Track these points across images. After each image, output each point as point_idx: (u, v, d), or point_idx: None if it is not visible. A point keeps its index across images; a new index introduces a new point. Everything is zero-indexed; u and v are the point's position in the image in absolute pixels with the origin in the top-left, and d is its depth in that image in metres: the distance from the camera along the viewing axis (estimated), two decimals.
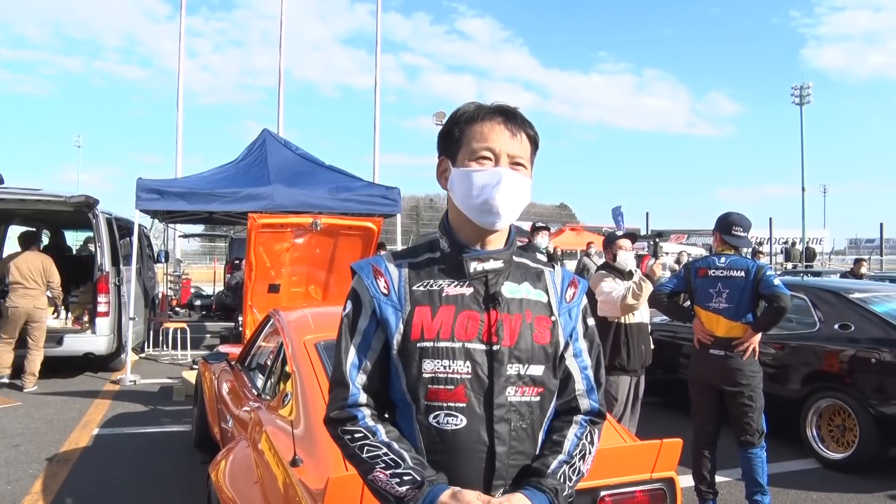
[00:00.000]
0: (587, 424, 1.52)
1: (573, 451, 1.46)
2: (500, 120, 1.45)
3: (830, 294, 5.73)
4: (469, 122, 1.46)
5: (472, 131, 1.45)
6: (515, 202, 1.43)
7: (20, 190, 8.58)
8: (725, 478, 4.75)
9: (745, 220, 4.25)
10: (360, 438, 1.40)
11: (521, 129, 1.46)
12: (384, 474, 1.36)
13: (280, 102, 22.79)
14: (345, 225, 7.67)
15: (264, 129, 10.51)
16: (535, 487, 1.38)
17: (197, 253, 37.59)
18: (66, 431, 6.03)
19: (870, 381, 5.05)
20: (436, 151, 1.54)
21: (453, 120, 1.49)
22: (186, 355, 9.94)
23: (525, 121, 1.48)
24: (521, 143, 1.46)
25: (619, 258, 4.90)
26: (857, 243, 42.51)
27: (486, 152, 1.43)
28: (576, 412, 1.52)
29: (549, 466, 1.42)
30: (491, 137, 1.43)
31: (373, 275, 1.47)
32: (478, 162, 1.43)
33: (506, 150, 1.43)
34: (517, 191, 1.43)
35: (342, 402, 1.43)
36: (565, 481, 1.42)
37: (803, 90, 38.27)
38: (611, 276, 4.86)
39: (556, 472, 1.41)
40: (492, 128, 1.44)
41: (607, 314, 4.75)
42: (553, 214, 61.91)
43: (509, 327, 1.42)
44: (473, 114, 1.46)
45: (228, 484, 3.04)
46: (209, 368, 5.13)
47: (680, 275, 4.46)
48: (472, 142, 1.44)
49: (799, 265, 22.95)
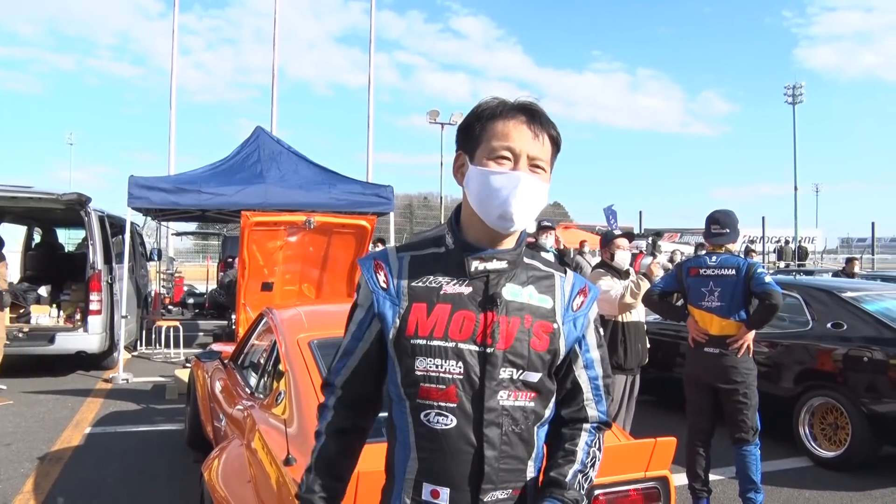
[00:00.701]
0: (595, 432, 1.50)
1: (585, 461, 1.45)
2: (523, 119, 1.39)
3: (823, 293, 5.75)
4: (490, 119, 1.40)
5: (494, 128, 1.39)
6: (531, 208, 1.40)
7: (12, 187, 8.52)
8: (719, 476, 4.77)
9: (724, 215, 4.28)
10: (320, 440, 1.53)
11: (544, 130, 1.41)
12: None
13: (274, 100, 22.75)
14: (338, 223, 7.66)
15: (257, 127, 10.48)
16: (558, 500, 1.39)
17: (190, 251, 37.52)
18: (58, 430, 6.00)
19: (862, 380, 5.07)
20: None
21: (474, 115, 1.43)
22: (179, 353, 9.91)
23: (549, 121, 1.42)
24: (543, 144, 1.40)
25: (617, 257, 4.92)
26: (849, 242, 42.70)
27: (505, 152, 1.38)
28: (584, 421, 1.50)
29: (566, 477, 1.42)
30: (512, 136, 1.38)
31: (374, 269, 1.47)
32: (496, 161, 1.38)
33: (526, 151, 1.38)
34: (534, 196, 1.39)
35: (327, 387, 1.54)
36: (580, 490, 1.42)
37: (796, 90, 38.47)
38: (608, 274, 4.87)
39: (573, 483, 1.42)
40: (514, 126, 1.39)
41: (605, 313, 4.75)
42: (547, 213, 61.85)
43: (505, 330, 1.38)
44: (495, 110, 1.41)
45: (221, 483, 3.03)
46: (202, 367, 5.11)
47: (672, 274, 4.48)
48: (492, 139, 1.39)
49: (791, 264, 23.07)
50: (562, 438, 1.48)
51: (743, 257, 4.27)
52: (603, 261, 5.09)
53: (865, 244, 33.61)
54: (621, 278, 4.83)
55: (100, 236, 8.58)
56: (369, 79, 22.65)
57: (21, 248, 12.38)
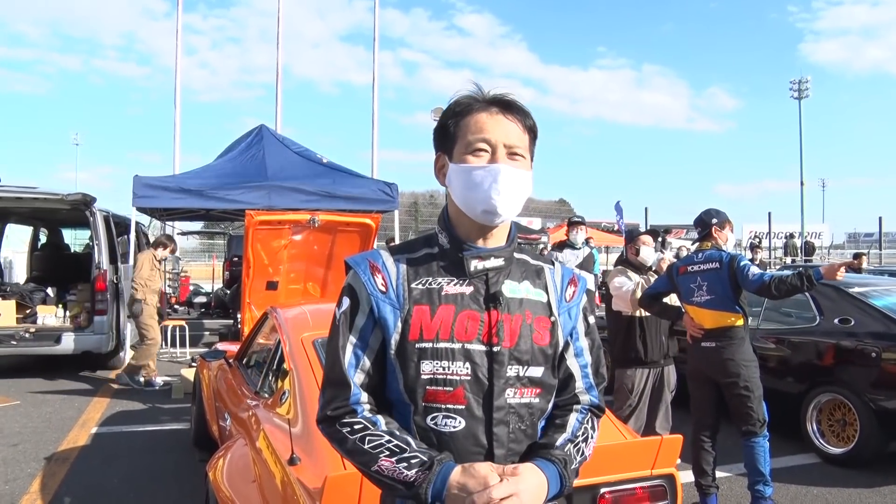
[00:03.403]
0: (587, 412, 1.50)
1: (576, 432, 1.45)
2: (495, 110, 1.40)
3: (830, 288, 5.71)
4: (463, 115, 1.41)
5: (467, 123, 1.40)
6: (515, 198, 1.39)
7: (17, 188, 8.56)
8: (726, 473, 4.74)
9: (717, 214, 4.35)
10: (361, 430, 1.35)
11: (518, 119, 1.41)
12: (390, 462, 1.30)
13: (278, 99, 22.76)
14: (343, 221, 7.65)
15: (261, 125, 10.48)
16: (544, 458, 1.36)
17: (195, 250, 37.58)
18: (65, 430, 6.02)
19: (870, 376, 5.03)
20: (434, 147, 1.50)
21: (447, 114, 1.44)
22: (185, 353, 9.94)
23: (522, 109, 1.43)
24: (518, 132, 1.41)
25: (642, 253, 4.90)
26: (855, 237, 42.48)
27: (482, 144, 1.38)
28: (576, 404, 1.50)
29: (555, 442, 1.41)
30: (486, 128, 1.39)
31: (370, 271, 1.42)
32: (474, 155, 1.39)
33: (502, 141, 1.38)
34: (516, 186, 1.39)
35: (343, 401, 1.38)
36: (572, 457, 1.40)
37: (802, 85, 38.29)
38: (627, 270, 4.87)
39: (563, 447, 1.40)
40: (487, 118, 1.39)
41: (621, 309, 4.76)
42: (552, 210, 61.86)
43: (510, 328, 1.38)
44: (467, 106, 1.42)
45: (226, 482, 3.02)
46: (207, 366, 5.11)
47: (664, 276, 4.51)
48: (467, 134, 1.40)
49: (797, 259, 22.97)
50: (553, 418, 1.48)
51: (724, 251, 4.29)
52: (625, 257, 5.08)
53: (873, 239, 33.44)
54: (643, 275, 4.82)
55: (105, 236, 8.60)
56: (374, 77, 22.65)
57: (27, 248, 12.44)
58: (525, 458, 1.38)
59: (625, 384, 4.64)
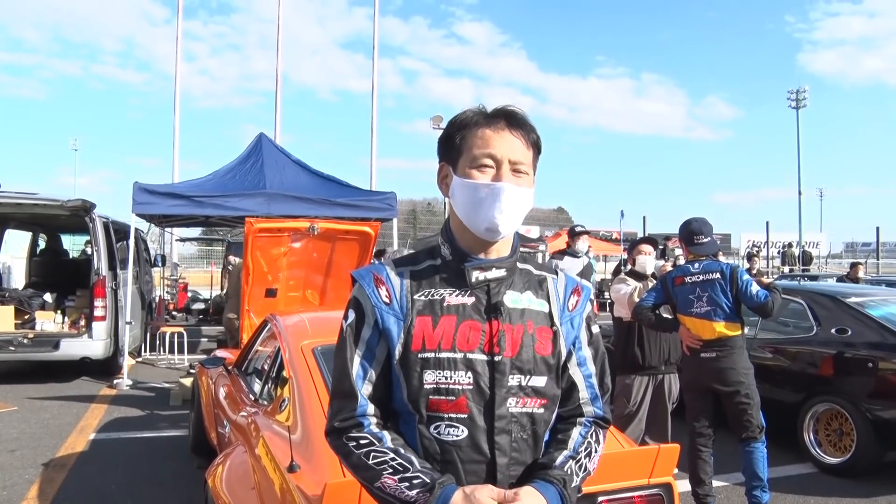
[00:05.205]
0: (591, 425, 1.50)
1: (578, 448, 1.45)
2: (502, 125, 1.41)
3: (827, 298, 5.74)
4: (470, 127, 1.42)
5: (474, 137, 1.41)
6: (516, 215, 1.41)
7: (16, 194, 8.56)
8: (723, 483, 4.75)
9: (704, 225, 4.34)
10: (366, 445, 1.37)
11: (524, 134, 1.42)
12: (392, 480, 1.32)
13: (278, 106, 22.75)
14: (342, 229, 7.65)
15: (260, 134, 10.50)
16: (543, 479, 1.36)
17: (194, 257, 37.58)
18: (63, 436, 6.01)
19: (867, 386, 5.05)
20: (433, 155, 1.51)
21: (454, 125, 1.45)
22: (183, 359, 9.92)
23: (528, 125, 1.44)
24: (524, 148, 1.42)
25: (638, 262, 4.96)
26: (853, 247, 42.49)
27: (487, 160, 1.39)
28: (580, 416, 1.50)
29: (555, 461, 1.41)
30: (492, 143, 1.40)
31: (374, 283, 1.44)
32: (479, 170, 1.40)
33: (507, 156, 1.40)
34: (519, 204, 1.40)
35: (350, 412, 1.40)
36: (572, 475, 1.40)
37: (800, 94, 38.36)
38: (627, 278, 4.94)
39: (562, 465, 1.40)
40: (493, 133, 1.41)
41: (622, 315, 4.79)
42: (551, 218, 61.91)
43: (511, 338, 1.40)
44: (474, 118, 1.43)
45: (225, 489, 3.03)
46: (206, 373, 5.12)
47: (658, 287, 4.47)
48: (473, 148, 1.41)
49: (795, 268, 23.00)
50: (555, 432, 1.48)
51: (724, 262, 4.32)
52: (631, 267, 5.12)
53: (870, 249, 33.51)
54: (643, 282, 4.86)
55: (104, 242, 8.60)
56: (373, 84, 22.65)
57: (26, 254, 12.44)
58: (526, 479, 1.39)
59: (623, 391, 4.66)
